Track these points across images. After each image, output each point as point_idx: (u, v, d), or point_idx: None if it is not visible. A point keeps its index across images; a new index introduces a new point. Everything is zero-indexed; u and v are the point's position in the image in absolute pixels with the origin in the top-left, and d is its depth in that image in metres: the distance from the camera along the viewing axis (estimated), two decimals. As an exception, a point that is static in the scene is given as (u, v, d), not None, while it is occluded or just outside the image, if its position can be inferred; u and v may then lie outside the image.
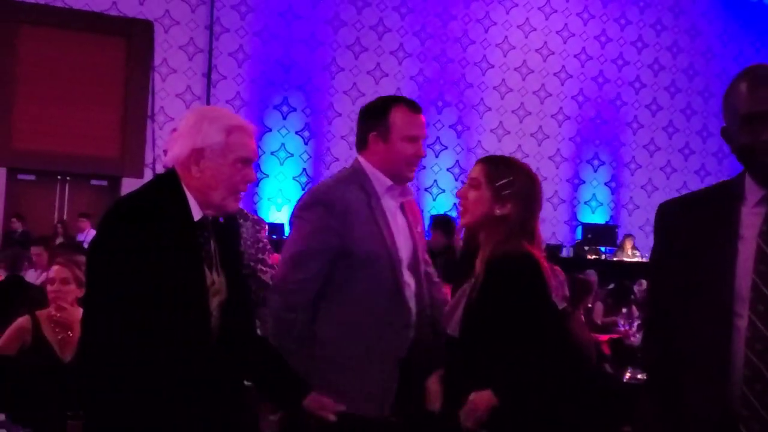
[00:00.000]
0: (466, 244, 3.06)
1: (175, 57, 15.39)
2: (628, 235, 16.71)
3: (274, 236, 14.47)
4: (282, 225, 15.12)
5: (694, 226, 2.31)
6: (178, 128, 2.61)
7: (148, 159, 14.71)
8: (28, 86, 14.42)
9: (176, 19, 15.41)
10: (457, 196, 3.04)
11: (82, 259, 4.28)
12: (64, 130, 14.25)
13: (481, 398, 2.79)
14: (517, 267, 2.85)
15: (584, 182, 18.21)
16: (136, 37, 15.17)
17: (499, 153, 17.50)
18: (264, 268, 3.65)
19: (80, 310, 3.46)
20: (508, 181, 2.93)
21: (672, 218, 2.39)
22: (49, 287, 4.50)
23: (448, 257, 7.56)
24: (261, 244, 3.67)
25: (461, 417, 2.82)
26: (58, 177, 14.90)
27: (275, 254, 9.30)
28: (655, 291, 2.49)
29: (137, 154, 14.74)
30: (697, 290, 2.26)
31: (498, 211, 2.92)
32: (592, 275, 9.73)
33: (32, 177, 14.84)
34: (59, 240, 12.56)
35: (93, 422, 2.46)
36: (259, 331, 3.03)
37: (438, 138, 17.01)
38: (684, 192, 2.69)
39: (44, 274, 6.83)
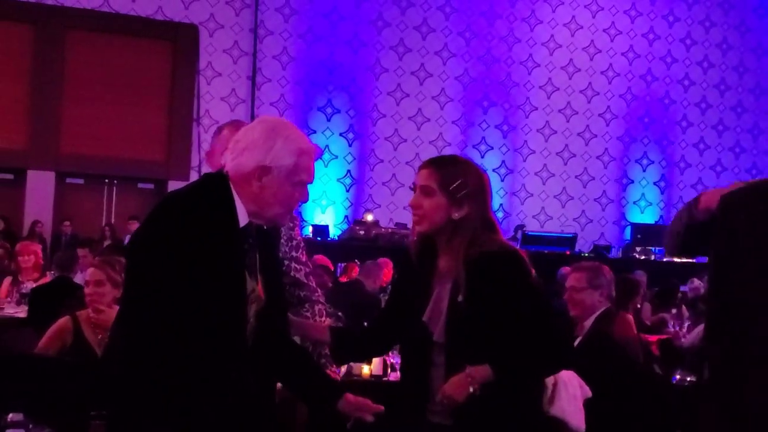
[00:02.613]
0: (418, 252, 2.99)
1: (220, 60, 15.49)
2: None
3: (319, 238, 14.49)
4: (326, 227, 15.10)
5: (763, 218, 2.21)
6: (244, 139, 2.53)
7: (194, 162, 14.80)
8: (76, 91, 14.63)
9: (221, 23, 15.50)
10: (411, 206, 2.97)
11: (121, 260, 4.26)
12: (112, 134, 14.40)
13: (478, 370, 2.73)
14: (502, 264, 2.81)
15: (633, 182, 17.96)
16: (181, 41, 15.30)
17: (546, 153, 17.54)
18: (297, 266, 3.59)
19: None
20: (460, 183, 2.86)
21: (739, 210, 2.29)
22: (85, 290, 4.50)
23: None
24: (294, 242, 3.61)
25: (447, 390, 2.74)
26: (106, 180, 15.06)
27: (319, 255, 9.21)
28: (721, 287, 2.38)
29: (183, 157, 14.85)
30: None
31: (456, 215, 2.86)
32: (641, 275, 9.56)
33: (80, 180, 15.01)
34: (107, 242, 12.67)
35: (120, 423, 2.43)
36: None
37: (483, 138, 16.89)
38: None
39: (88, 276, 6.85)
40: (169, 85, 15.29)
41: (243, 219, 2.50)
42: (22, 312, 7.38)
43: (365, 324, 5.80)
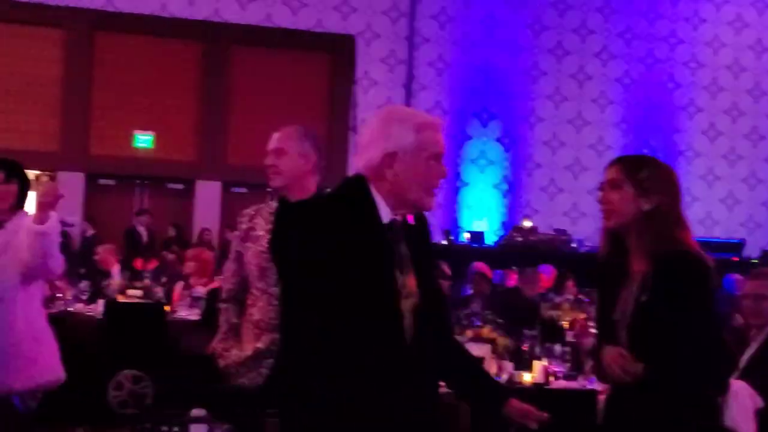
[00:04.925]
0: (608, 249, 2.91)
1: (376, 69, 15.71)
2: None
3: (476, 245, 14.44)
4: (483, 234, 15.03)
5: None
6: (364, 136, 2.59)
7: (351, 170, 15.04)
8: (241, 104, 15.22)
9: (377, 32, 15.72)
10: (599, 201, 2.90)
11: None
12: (274, 144, 14.79)
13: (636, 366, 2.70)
14: (689, 268, 2.75)
15: (806, 184, 17.04)
16: (338, 52, 15.62)
17: (711, 155, 16.84)
18: None
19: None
20: (648, 173, 2.82)
21: None
22: None
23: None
24: None
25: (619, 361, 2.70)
26: (269, 190, 15.50)
27: (478, 262, 9.15)
28: None
29: (341, 165, 15.12)
30: None
31: (646, 206, 2.78)
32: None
33: (244, 190, 15.55)
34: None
35: (288, 421, 2.49)
36: None
37: (646, 141, 16.41)
38: None
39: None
40: (326, 95, 15.65)
41: (386, 215, 2.52)
42: (193, 315, 7.71)
43: (524, 331, 5.75)
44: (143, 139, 15.16)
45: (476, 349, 4.68)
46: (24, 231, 4.14)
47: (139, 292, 8.27)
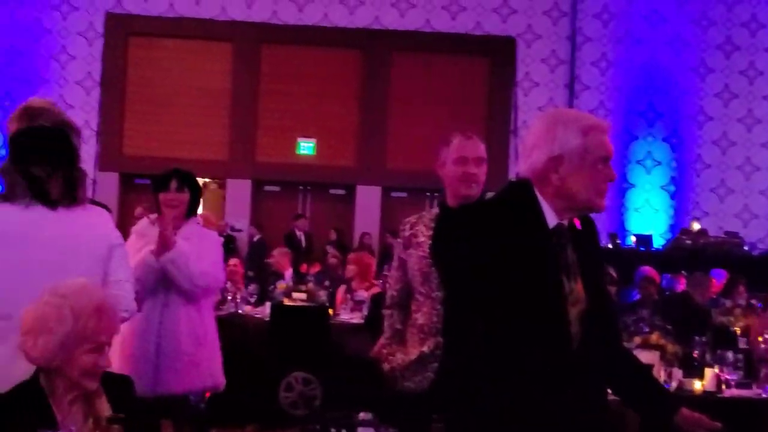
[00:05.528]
0: None
1: (537, 70, 15.57)
2: None
3: (642, 248, 14.06)
4: (650, 236, 14.61)
5: None
6: (528, 139, 2.56)
7: (511, 173, 14.93)
8: (400, 109, 15.44)
9: (538, 33, 15.58)
10: None
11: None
12: (433, 149, 14.84)
13: None
14: None
15: None
16: (498, 54, 15.57)
17: None
18: None
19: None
20: None
21: None
22: None
23: None
24: None
25: None
26: (428, 194, 15.58)
27: (645, 266, 8.91)
28: None
29: (501, 170, 15.02)
30: None
31: None
32: None
33: (404, 194, 15.73)
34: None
35: (454, 425, 2.49)
36: None
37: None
38: None
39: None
40: (486, 98, 15.62)
41: (551, 220, 2.49)
42: (355, 318, 7.84)
43: (694, 337, 5.56)
44: (306, 146, 15.60)
45: (644, 356, 4.58)
46: (196, 238, 4.34)
47: (303, 296, 8.48)
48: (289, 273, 9.82)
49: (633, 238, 14.61)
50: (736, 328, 7.30)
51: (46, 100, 3.53)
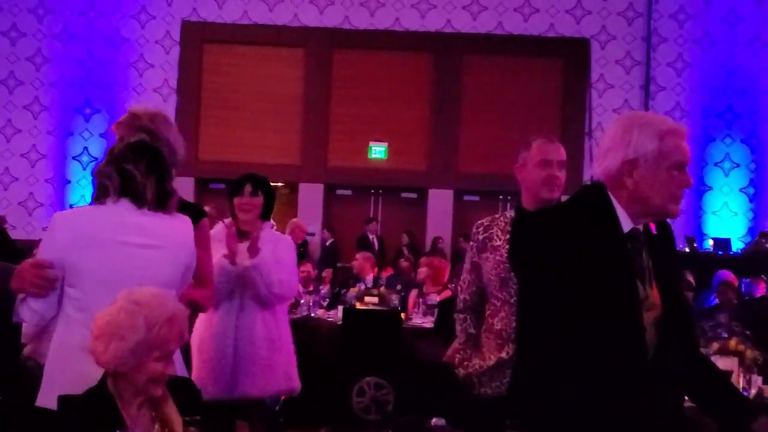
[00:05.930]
0: None
1: (612, 72, 15.37)
2: None
3: (720, 252, 13.76)
4: (728, 240, 14.30)
5: None
6: (603, 142, 2.53)
7: (586, 176, 14.75)
8: (472, 112, 15.42)
9: (613, 34, 15.39)
10: None
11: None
12: (504, 153, 14.78)
13: None
14: None
15: None
16: (572, 56, 15.42)
17: None
18: None
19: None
20: None
21: None
22: None
23: None
24: None
25: None
26: (500, 197, 15.50)
27: (723, 270, 8.73)
28: None
29: (575, 172, 14.85)
30: None
31: None
32: None
33: (476, 198, 15.66)
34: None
35: (530, 430, 2.47)
36: None
37: None
38: None
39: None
40: (560, 100, 15.47)
41: (626, 224, 2.46)
42: (427, 322, 7.84)
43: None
44: (377, 150, 15.65)
45: (723, 363, 4.49)
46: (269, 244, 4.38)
47: (375, 299, 8.50)
48: (370, 278, 9.85)
49: (711, 242, 14.35)
50: (818, 335, 7.09)
51: (158, 113, 3.43)
